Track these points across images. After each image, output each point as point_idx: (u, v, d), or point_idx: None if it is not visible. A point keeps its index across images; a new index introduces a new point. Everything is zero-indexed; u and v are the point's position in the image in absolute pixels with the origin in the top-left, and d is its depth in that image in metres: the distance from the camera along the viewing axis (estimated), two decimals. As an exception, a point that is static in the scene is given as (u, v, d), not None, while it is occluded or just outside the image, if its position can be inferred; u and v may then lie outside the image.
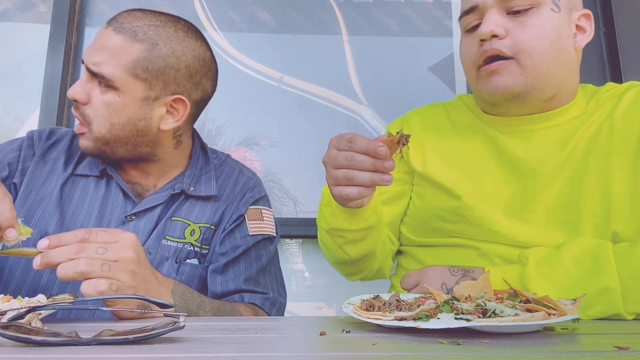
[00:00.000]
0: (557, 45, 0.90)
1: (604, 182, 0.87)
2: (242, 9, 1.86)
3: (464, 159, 1.00)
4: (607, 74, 1.77)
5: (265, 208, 1.10)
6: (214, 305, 0.90)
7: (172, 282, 0.84)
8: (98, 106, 0.93)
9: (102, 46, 0.93)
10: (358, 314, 0.63)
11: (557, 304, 0.60)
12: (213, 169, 1.08)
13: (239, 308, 0.96)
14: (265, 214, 1.08)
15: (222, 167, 1.11)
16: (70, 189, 0.99)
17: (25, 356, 0.46)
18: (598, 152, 0.89)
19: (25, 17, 1.80)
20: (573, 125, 0.94)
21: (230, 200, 1.05)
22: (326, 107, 1.81)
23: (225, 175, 1.09)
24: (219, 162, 1.11)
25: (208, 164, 1.09)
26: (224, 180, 1.08)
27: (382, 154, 0.74)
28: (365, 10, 1.90)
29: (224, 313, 0.91)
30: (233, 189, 1.07)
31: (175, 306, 0.80)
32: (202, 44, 1.00)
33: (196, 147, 1.10)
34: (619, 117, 0.90)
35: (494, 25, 0.90)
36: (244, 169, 1.13)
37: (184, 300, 0.84)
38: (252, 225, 1.05)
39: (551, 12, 0.90)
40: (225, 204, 1.05)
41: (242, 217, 1.04)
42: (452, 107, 1.09)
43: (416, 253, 1.03)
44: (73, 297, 0.66)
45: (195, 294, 0.87)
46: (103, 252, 0.71)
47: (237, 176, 1.10)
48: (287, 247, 1.74)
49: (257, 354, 0.48)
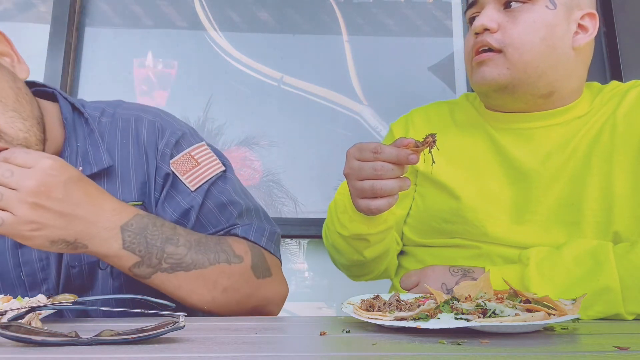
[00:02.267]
0: (549, 42, 0.90)
1: (606, 182, 0.87)
2: (242, 9, 1.86)
3: (466, 158, 1.00)
4: (607, 74, 1.77)
5: (194, 147, 0.88)
6: (192, 238, 0.77)
7: (132, 213, 0.72)
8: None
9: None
10: (358, 314, 0.63)
11: (557, 304, 0.60)
12: (97, 132, 0.85)
13: (227, 239, 0.83)
14: (198, 155, 0.88)
15: (114, 123, 0.87)
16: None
17: (25, 356, 0.46)
18: (600, 152, 0.89)
19: (25, 17, 1.80)
20: (576, 125, 0.93)
21: (142, 162, 0.85)
22: (326, 107, 1.81)
23: (121, 134, 0.86)
24: (108, 120, 0.88)
25: (88, 127, 0.85)
26: (122, 139, 0.86)
27: (415, 162, 0.72)
28: (365, 10, 1.90)
29: (205, 246, 0.78)
30: (137, 146, 0.85)
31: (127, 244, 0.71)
32: None
33: (66, 114, 0.85)
34: (622, 116, 0.90)
35: (486, 20, 0.91)
36: (141, 114, 0.89)
37: (142, 237, 0.72)
38: (188, 178, 0.85)
39: (545, 9, 0.90)
40: (136, 170, 0.84)
41: (169, 176, 0.85)
42: (455, 106, 1.09)
43: (417, 253, 1.02)
44: (73, 297, 0.66)
45: (165, 226, 0.75)
46: (9, 176, 0.63)
47: (135, 127, 0.87)
48: (287, 247, 1.74)
49: (257, 354, 0.48)
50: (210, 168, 0.88)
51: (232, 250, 0.81)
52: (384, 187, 0.75)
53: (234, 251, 0.81)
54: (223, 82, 1.78)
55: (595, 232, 0.86)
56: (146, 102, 1.74)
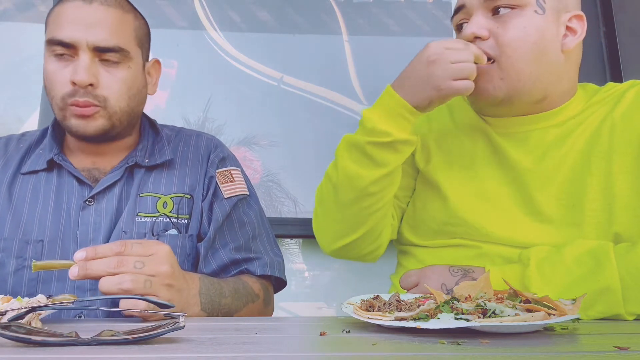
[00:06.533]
0: (541, 47, 0.89)
1: (606, 183, 0.87)
2: (242, 9, 1.86)
3: (465, 159, 1.00)
4: (607, 74, 1.77)
5: (234, 168, 1.09)
6: (231, 287, 0.92)
7: (198, 279, 0.85)
8: (113, 83, 0.94)
9: (101, 22, 0.92)
10: (358, 314, 0.64)
11: (557, 304, 0.60)
12: (165, 139, 1.08)
13: (248, 282, 0.98)
14: (235, 174, 1.08)
15: (179, 136, 1.11)
16: (21, 189, 0.97)
17: (25, 356, 0.46)
18: (599, 152, 0.89)
19: (25, 17, 1.80)
20: (571, 124, 0.94)
21: (197, 164, 1.05)
22: (326, 107, 1.81)
23: (184, 142, 1.09)
24: (173, 133, 1.11)
25: (159, 136, 1.08)
26: (183, 146, 1.08)
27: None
28: (365, 10, 1.90)
29: (239, 293, 0.93)
30: (196, 153, 1.07)
31: (203, 305, 0.83)
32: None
33: (145, 124, 1.10)
34: (620, 116, 0.90)
35: (476, 27, 0.91)
36: (202, 133, 1.14)
37: (209, 296, 0.85)
38: (225, 188, 1.05)
39: (535, 14, 0.90)
40: (191, 170, 1.04)
41: (213, 179, 1.04)
42: (454, 106, 1.09)
43: (417, 253, 1.02)
44: (73, 297, 0.66)
45: (214, 283, 0.88)
46: (141, 267, 0.72)
47: (195, 140, 1.10)
48: (287, 247, 1.74)
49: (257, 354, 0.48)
50: (241, 188, 1.08)
51: (253, 290, 0.98)
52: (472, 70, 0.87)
53: (254, 291, 0.98)
54: (223, 82, 1.78)
55: (596, 233, 0.86)
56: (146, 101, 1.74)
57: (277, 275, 1.04)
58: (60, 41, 0.91)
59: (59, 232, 0.94)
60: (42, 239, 0.93)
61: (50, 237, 0.93)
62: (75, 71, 0.91)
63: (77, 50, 0.91)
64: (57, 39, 0.91)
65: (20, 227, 0.94)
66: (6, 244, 0.92)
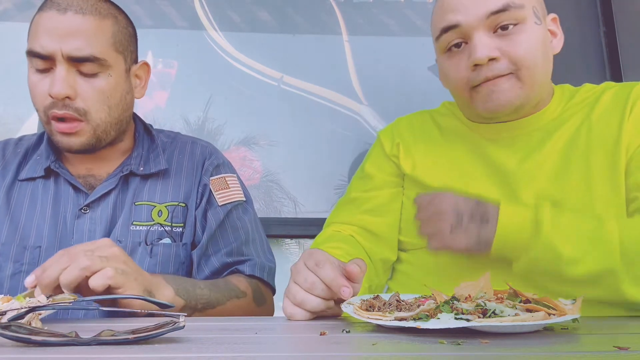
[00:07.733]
0: (546, 56, 0.93)
1: (586, 183, 0.89)
2: (242, 9, 1.86)
3: (452, 164, 1.01)
4: (607, 74, 1.77)
5: (229, 175, 1.09)
6: (207, 282, 0.92)
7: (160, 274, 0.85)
8: (91, 95, 0.92)
9: (74, 31, 0.90)
10: (358, 314, 0.64)
11: (557, 304, 0.60)
12: (160, 147, 1.07)
13: (231, 279, 0.97)
14: (230, 181, 1.08)
15: (174, 143, 1.10)
16: (19, 195, 0.98)
17: (25, 356, 0.46)
18: (578, 153, 0.92)
19: (25, 17, 1.80)
20: (551, 127, 0.96)
21: (192, 172, 1.05)
22: (326, 107, 1.81)
23: (179, 150, 1.08)
24: (168, 140, 1.11)
25: (154, 143, 1.08)
26: (179, 154, 1.07)
27: (347, 296, 0.68)
28: (365, 10, 1.90)
29: (218, 287, 0.92)
30: (191, 161, 1.07)
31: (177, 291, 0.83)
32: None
33: (139, 129, 1.09)
34: (596, 118, 0.93)
35: (488, 50, 0.88)
36: (197, 140, 1.13)
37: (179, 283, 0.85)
38: (219, 195, 1.04)
39: (534, 25, 0.91)
40: (186, 178, 1.04)
41: (207, 188, 1.04)
42: (438, 114, 1.10)
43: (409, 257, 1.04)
44: (73, 297, 0.66)
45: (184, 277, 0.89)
46: (92, 254, 0.73)
47: (191, 148, 1.10)
48: (287, 247, 1.74)
49: (257, 354, 0.48)
50: (236, 194, 1.07)
51: (238, 287, 0.96)
52: (305, 300, 0.71)
53: (239, 288, 0.96)
54: (223, 82, 1.78)
55: None
56: (146, 101, 1.74)
57: (265, 279, 1.03)
58: (37, 53, 0.90)
59: (56, 239, 0.95)
60: (39, 245, 0.94)
61: (48, 244, 0.94)
62: (52, 84, 0.90)
63: (55, 62, 0.90)
64: (34, 51, 0.90)
65: (17, 232, 0.95)
66: (4, 249, 0.93)
